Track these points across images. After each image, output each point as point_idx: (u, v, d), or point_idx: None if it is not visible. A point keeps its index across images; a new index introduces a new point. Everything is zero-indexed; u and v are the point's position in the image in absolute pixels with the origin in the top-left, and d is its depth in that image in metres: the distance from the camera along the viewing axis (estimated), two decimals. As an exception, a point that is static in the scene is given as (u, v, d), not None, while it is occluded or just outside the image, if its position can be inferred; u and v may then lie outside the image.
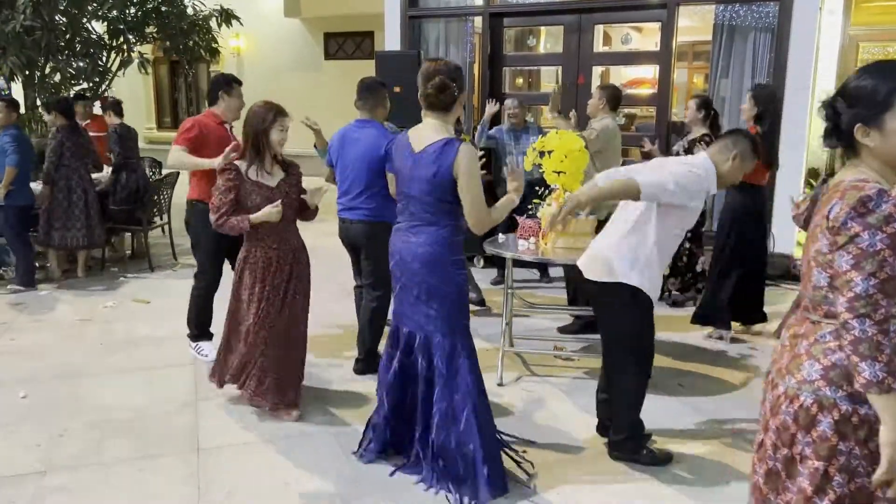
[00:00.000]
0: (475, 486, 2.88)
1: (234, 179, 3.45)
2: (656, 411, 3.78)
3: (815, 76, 6.38)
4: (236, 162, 3.49)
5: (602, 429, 3.40)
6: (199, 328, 4.44)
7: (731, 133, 3.20)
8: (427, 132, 2.88)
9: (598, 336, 3.33)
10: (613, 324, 3.13)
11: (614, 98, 5.23)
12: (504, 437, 3.26)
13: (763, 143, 4.06)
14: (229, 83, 4.40)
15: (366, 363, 4.20)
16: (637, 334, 3.08)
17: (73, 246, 6.34)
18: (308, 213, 3.74)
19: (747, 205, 4.67)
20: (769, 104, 4.65)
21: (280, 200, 3.46)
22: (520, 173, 3.01)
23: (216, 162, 3.74)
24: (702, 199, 2.96)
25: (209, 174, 4.01)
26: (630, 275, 2.95)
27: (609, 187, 2.90)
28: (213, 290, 4.38)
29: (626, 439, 3.20)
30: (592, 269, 3.08)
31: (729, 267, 4.73)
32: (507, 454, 3.13)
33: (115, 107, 7.25)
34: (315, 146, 4.63)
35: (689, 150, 5.02)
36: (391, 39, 8.05)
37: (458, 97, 2.86)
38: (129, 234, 7.30)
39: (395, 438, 3.17)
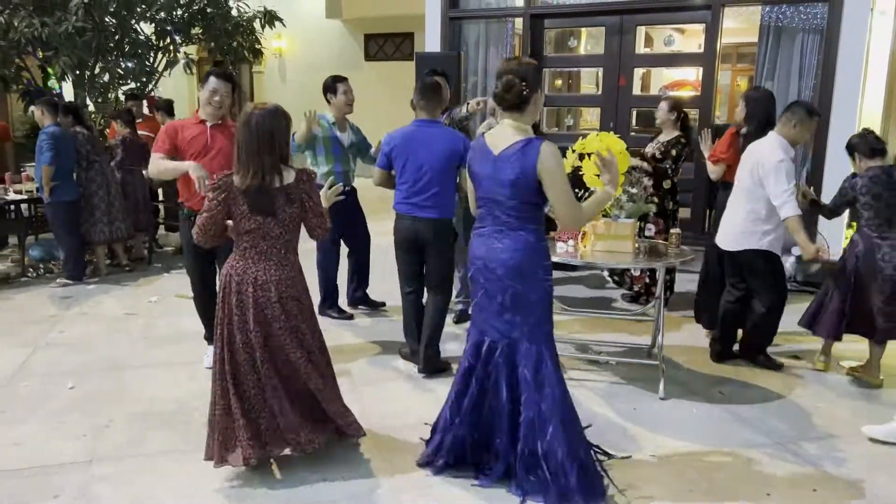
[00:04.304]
0: (566, 494, 2.80)
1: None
2: (695, 419, 3.74)
3: (864, 80, 6.22)
4: (293, 169, 3.02)
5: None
6: (206, 330, 4.42)
7: (788, 106, 4.25)
8: (505, 134, 2.83)
9: (635, 341, 3.31)
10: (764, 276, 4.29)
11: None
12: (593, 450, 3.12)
13: (748, 142, 4.47)
14: (207, 74, 4.13)
15: (435, 363, 4.24)
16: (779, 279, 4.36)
17: (118, 237, 6.53)
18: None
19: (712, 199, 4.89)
20: (759, 107, 4.69)
21: (339, 185, 3.27)
22: (612, 163, 2.94)
23: (190, 165, 3.84)
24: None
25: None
26: (763, 242, 4.19)
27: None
28: (202, 299, 4.28)
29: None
30: (735, 242, 4.27)
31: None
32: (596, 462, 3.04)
33: (167, 107, 7.44)
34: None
35: (665, 153, 5.27)
36: (431, 40, 8.08)
37: (529, 97, 2.79)
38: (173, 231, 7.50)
39: (467, 451, 3.07)
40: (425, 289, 4.33)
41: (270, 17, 9.61)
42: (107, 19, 8.28)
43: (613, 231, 4.03)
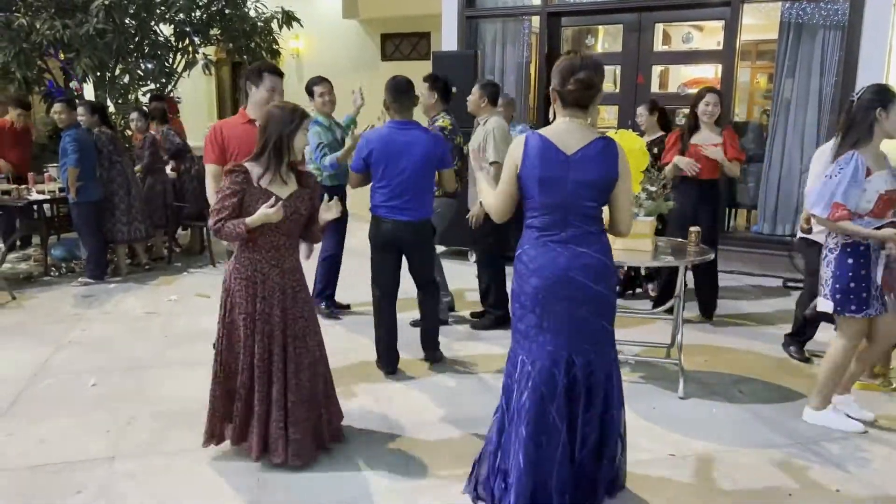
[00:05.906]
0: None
1: (242, 183, 3.00)
2: (715, 419, 3.72)
3: (887, 76, 6.13)
4: (246, 164, 3.06)
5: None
6: None
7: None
8: (576, 132, 2.62)
9: (653, 339, 3.29)
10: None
11: (493, 95, 5.03)
12: None
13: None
14: (258, 72, 3.67)
15: (440, 358, 4.48)
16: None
17: (135, 238, 6.61)
18: (314, 233, 3.30)
19: (705, 197, 5.09)
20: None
21: (276, 200, 3.00)
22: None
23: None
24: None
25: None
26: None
27: None
28: None
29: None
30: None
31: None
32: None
33: (161, 115, 7.40)
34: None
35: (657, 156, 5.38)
36: (448, 40, 8.08)
37: (599, 96, 2.65)
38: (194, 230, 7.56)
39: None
40: (417, 290, 4.41)
41: (288, 18, 9.66)
42: (127, 21, 8.36)
43: (632, 229, 3.99)
